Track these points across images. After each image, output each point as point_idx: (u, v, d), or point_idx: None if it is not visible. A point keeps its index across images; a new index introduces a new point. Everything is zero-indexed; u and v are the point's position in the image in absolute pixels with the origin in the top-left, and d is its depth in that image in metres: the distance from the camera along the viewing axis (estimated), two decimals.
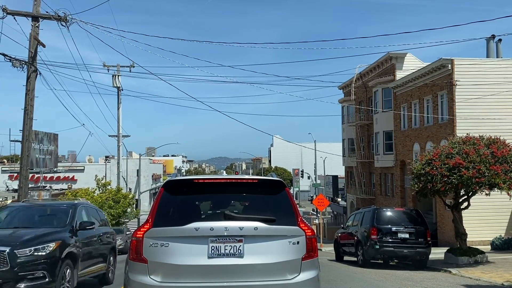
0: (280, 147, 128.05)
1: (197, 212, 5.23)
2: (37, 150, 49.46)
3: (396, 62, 36.09)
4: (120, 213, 35.71)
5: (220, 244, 4.82)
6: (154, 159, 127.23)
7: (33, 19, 21.32)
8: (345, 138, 48.09)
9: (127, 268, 5.11)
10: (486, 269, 14.10)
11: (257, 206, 5.26)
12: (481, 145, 14.78)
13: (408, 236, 15.00)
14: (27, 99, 21.17)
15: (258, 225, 4.89)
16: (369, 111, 42.18)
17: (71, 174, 73.42)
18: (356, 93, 44.31)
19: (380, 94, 37.45)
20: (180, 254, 4.78)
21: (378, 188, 40.03)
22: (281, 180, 5.49)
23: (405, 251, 14.85)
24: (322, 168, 68.66)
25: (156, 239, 4.84)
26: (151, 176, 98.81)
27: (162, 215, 5.04)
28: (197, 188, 5.33)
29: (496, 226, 24.76)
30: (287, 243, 4.93)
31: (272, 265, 4.83)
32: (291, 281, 4.86)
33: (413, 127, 32.90)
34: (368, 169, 42.41)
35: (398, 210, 16.07)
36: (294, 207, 5.23)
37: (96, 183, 38.05)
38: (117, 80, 40.67)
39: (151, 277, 4.80)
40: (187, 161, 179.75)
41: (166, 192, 5.24)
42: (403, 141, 34.41)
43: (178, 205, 5.18)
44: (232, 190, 5.36)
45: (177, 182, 5.42)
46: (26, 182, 21.40)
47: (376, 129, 38.60)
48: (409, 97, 33.33)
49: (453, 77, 27.03)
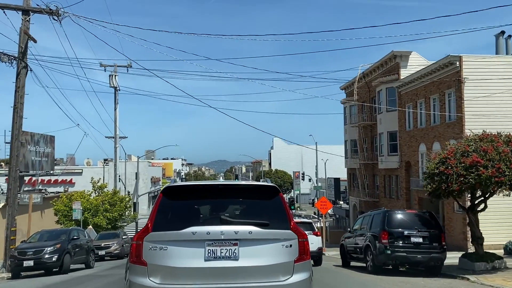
0: (281, 150, 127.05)
1: (195, 216, 5.35)
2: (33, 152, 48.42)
3: (401, 61, 35.11)
4: (116, 217, 34.61)
5: (216, 248, 4.98)
6: (153, 162, 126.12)
7: (23, 13, 20.32)
8: (347, 140, 47.06)
9: (128, 271, 5.29)
10: (507, 276, 13.04)
11: (252, 210, 5.39)
12: (500, 142, 13.76)
13: (422, 240, 13.92)
14: (17, 96, 20.13)
15: (253, 229, 5.04)
16: (372, 112, 41.19)
17: (69, 177, 72.49)
18: (359, 93, 43.31)
19: (384, 93, 36.44)
20: (178, 257, 4.95)
21: (382, 191, 38.98)
22: (275, 186, 5.64)
23: (419, 256, 13.77)
24: (323, 171, 67.60)
25: (155, 243, 5.01)
26: (150, 179, 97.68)
27: (161, 219, 5.20)
28: (194, 193, 5.52)
29: (509, 229, 23.70)
30: (280, 246, 5.06)
31: (266, 267, 4.98)
32: (284, 283, 4.99)
33: (418, 127, 31.88)
34: (372, 171, 41.36)
35: (410, 213, 14.97)
36: (287, 211, 5.36)
37: (92, 186, 36.99)
38: (114, 80, 39.68)
39: (151, 279, 4.96)
40: (186, 164, 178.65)
41: (164, 198, 5.41)
42: (408, 141, 33.38)
43: (176, 210, 5.33)
44: (228, 195, 5.51)
45: (175, 188, 5.62)
46: (16, 183, 20.32)
47: (380, 130, 37.57)
48: (414, 96, 32.33)
49: (461, 74, 26.04)
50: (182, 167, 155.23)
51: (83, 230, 22.28)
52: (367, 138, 42.43)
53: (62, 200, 33.37)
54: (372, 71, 40.06)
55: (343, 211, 51.97)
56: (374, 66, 39.04)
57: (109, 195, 35.45)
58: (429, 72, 29.33)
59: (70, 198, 33.07)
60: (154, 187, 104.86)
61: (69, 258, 18.05)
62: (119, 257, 28.42)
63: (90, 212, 33.47)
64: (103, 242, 28.35)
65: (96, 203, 34.01)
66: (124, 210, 35.45)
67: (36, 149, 48.58)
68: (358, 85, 43.12)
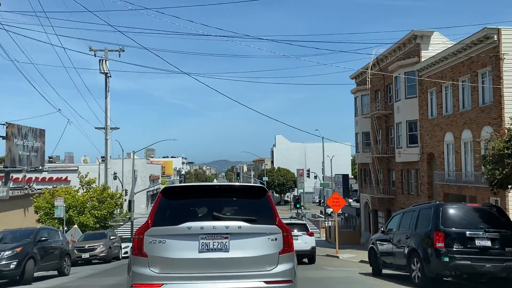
0: (283, 148, 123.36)
1: (190, 213, 5.89)
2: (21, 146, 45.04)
3: (422, 42, 31.55)
4: (105, 215, 31.10)
5: (209, 241, 5.54)
6: (153, 160, 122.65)
7: None
8: (358, 132, 43.51)
9: (130, 262, 5.76)
10: None
11: (242, 208, 5.93)
12: None
13: (490, 243, 10.40)
14: None
15: (242, 224, 5.62)
16: (387, 101, 37.66)
17: (64, 175, 69.47)
18: (372, 81, 39.80)
19: (402, 79, 32.88)
20: (175, 249, 5.50)
21: (399, 186, 35.44)
22: (263, 186, 6.22)
23: (488, 265, 10.22)
24: (328, 168, 64.10)
25: (154, 237, 5.57)
26: (148, 177, 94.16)
27: (160, 216, 5.78)
28: (190, 193, 6.16)
29: None
30: (266, 239, 5.63)
31: (254, 258, 5.54)
32: (270, 272, 5.54)
33: (444, 114, 28.31)
34: (387, 165, 37.81)
35: (471, 207, 11.34)
36: (273, 209, 5.94)
37: (79, 181, 33.53)
38: (105, 65, 36.19)
39: (151, 269, 5.49)
40: (187, 163, 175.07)
41: (163, 197, 6.01)
42: (431, 131, 29.82)
43: (174, 208, 5.92)
44: (221, 195, 6.10)
45: (173, 188, 6.44)
46: None
47: (397, 119, 34.02)
48: (439, 79, 28.78)
49: (499, 50, 22.47)
50: (183, 166, 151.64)
51: (56, 230, 18.76)
52: (381, 130, 38.88)
53: (45, 196, 29.89)
54: (388, 56, 36.50)
55: (353, 209, 48.42)
56: (390, 49, 35.48)
57: (98, 191, 31.97)
58: (457, 51, 25.77)
59: (53, 194, 29.57)
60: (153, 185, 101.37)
61: (32, 265, 14.49)
62: (105, 261, 24.93)
63: (76, 210, 29.99)
64: (87, 244, 24.87)
65: (83, 199, 30.51)
66: (114, 208, 31.88)
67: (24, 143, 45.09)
68: (371, 71, 39.61)
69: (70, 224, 29.35)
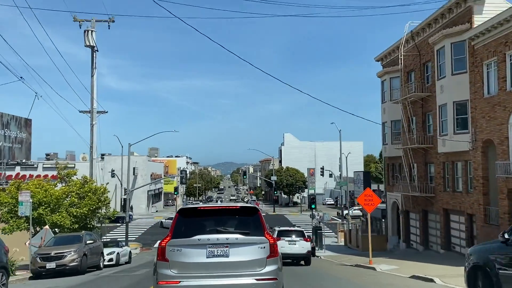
0: (292, 147, 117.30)
1: (200, 228, 7.70)
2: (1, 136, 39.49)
3: (474, 4, 25.74)
4: (86, 213, 25.41)
5: (214, 249, 7.38)
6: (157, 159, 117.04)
7: None
8: (386, 121, 37.65)
9: (156, 266, 7.52)
10: None
11: (239, 223, 7.84)
12: None
13: None
14: None
15: (238, 236, 7.48)
16: (424, 82, 31.82)
17: None
18: (405, 59, 33.98)
19: (448, 51, 27.02)
20: (189, 255, 7.36)
21: (440, 182, 29.53)
22: (256, 207, 8.13)
23: None
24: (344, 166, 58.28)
25: (173, 246, 7.41)
26: (149, 175, 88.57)
27: (177, 231, 7.63)
28: (200, 212, 8.11)
29: None
30: (257, 247, 7.45)
31: (248, 261, 7.36)
32: (259, 272, 7.35)
33: (508, 90, 22.47)
34: (423, 157, 31.93)
35: None
36: (262, 224, 7.78)
37: (58, 173, 27.92)
38: (91, 38, 30.58)
39: (171, 271, 7.34)
40: (191, 163, 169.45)
41: (180, 216, 7.90)
42: (489, 112, 23.95)
43: (187, 224, 7.74)
44: (223, 213, 8.11)
45: (187, 209, 8.15)
46: None
47: (440, 101, 28.14)
48: (499, 47, 22.96)
49: None
50: (187, 165, 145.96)
51: None
52: (416, 117, 33.03)
53: (10, 190, 24.28)
54: (427, 27, 30.67)
55: (378, 211, 42.41)
56: (431, 18, 29.63)
57: (78, 185, 26.32)
58: None
59: (18, 187, 23.93)
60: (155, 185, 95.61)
61: None
62: (78, 272, 19.25)
63: (49, 207, 24.34)
64: (54, 250, 19.22)
65: (57, 194, 24.86)
66: (97, 205, 26.11)
67: (5, 133, 39.52)
68: (404, 48, 33.79)
69: (41, 225, 23.77)
